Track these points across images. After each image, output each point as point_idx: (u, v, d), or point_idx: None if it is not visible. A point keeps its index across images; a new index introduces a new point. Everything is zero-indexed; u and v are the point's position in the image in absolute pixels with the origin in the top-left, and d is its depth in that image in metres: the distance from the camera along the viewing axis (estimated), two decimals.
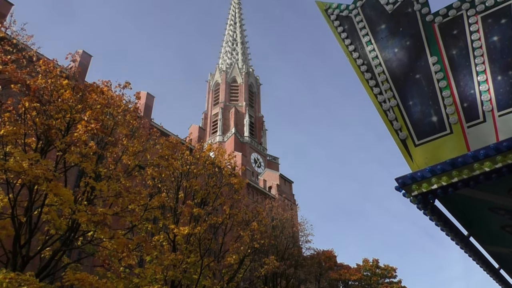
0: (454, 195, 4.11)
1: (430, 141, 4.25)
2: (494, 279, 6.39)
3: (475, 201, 4.28)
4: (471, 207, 4.51)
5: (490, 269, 5.80)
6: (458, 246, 5.17)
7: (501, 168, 3.66)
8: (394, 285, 38.31)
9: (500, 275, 6.23)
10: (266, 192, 50.87)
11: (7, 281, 11.33)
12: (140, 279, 18.31)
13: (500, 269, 6.04)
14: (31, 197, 15.18)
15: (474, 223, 4.82)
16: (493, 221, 4.69)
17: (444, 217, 4.52)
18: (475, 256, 5.42)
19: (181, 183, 23.61)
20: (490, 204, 4.34)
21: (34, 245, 16.77)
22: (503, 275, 6.28)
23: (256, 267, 26.08)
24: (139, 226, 19.51)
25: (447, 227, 4.60)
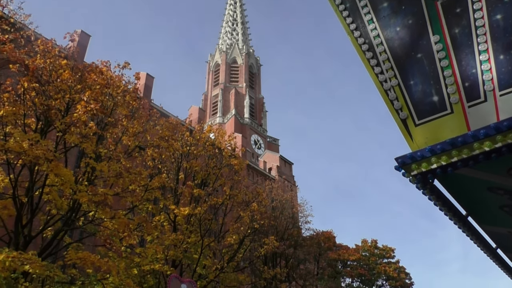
0: (453, 175, 4.12)
1: (430, 120, 4.24)
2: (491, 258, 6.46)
3: (474, 180, 4.29)
4: (470, 187, 4.52)
5: (487, 248, 5.85)
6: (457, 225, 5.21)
7: (501, 148, 3.66)
8: (392, 265, 38.77)
9: (497, 255, 6.29)
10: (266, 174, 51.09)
11: (10, 259, 11.45)
12: (141, 259, 18.53)
13: (497, 248, 6.09)
14: (32, 178, 15.26)
15: (473, 203, 4.84)
16: (491, 201, 4.72)
17: (443, 196, 4.54)
18: (473, 236, 5.46)
19: (181, 164, 23.68)
20: (489, 183, 4.36)
21: (36, 225, 16.94)
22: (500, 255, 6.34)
23: (256, 247, 26.36)
24: (140, 206, 19.66)
25: (446, 207, 4.63)
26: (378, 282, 38.73)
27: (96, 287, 16.06)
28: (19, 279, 13.08)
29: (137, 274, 18.45)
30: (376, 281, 38.29)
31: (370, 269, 37.61)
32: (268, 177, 49.68)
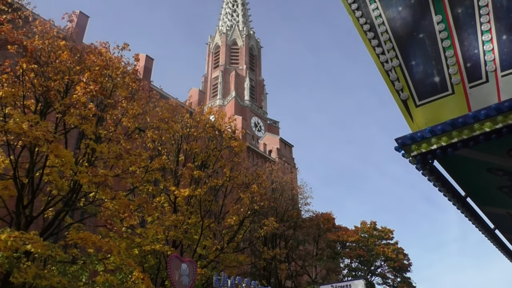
0: (453, 156, 4.12)
1: (431, 101, 4.21)
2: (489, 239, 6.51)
3: (474, 161, 4.30)
4: (470, 168, 4.53)
5: (485, 229, 5.90)
6: (455, 206, 5.23)
7: (502, 129, 3.65)
8: (390, 246, 39.09)
9: (495, 235, 6.34)
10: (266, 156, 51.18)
11: (12, 239, 11.56)
12: (142, 239, 18.72)
13: (495, 229, 6.14)
14: (32, 159, 15.29)
15: (472, 184, 4.86)
16: (490, 182, 4.73)
17: (442, 177, 4.55)
18: (472, 217, 5.49)
19: (181, 146, 23.72)
20: (489, 164, 4.36)
21: (37, 206, 17.05)
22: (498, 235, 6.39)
23: (256, 228, 26.61)
24: (140, 187, 19.75)
25: (445, 188, 4.64)
26: (376, 263, 39.15)
27: (98, 266, 16.26)
28: (21, 259, 13.23)
29: (138, 254, 18.66)
30: (374, 261, 38.69)
31: (368, 250, 37.95)
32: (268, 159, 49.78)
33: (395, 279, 39.82)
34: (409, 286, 39.34)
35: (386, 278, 39.71)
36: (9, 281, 13.21)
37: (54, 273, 14.72)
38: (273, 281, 28.24)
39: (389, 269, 39.49)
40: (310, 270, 34.65)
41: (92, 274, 17.37)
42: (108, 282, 14.97)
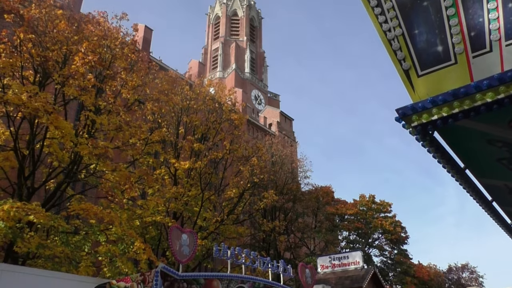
0: (454, 127, 4.09)
1: (433, 71, 4.15)
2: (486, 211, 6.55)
3: (474, 132, 4.28)
4: (470, 139, 4.51)
5: (483, 201, 5.93)
6: (454, 178, 5.24)
7: (503, 99, 3.61)
8: (388, 219, 39.58)
9: (492, 207, 6.38)
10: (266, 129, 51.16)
11: (14, 210, 11.68)
12: (143, 211, 18.90)
13: (493, 201, 6.17)
14: (32, 130, 15.29)
15: (471, 156, 4.85)
16: (490, 154, 4.72)
17: (441, 149, 4.53)
18: (470, 189, 5.51)
19: (181, 118, 23.67)
20: (489, 136, 4.34)
21: (39, 177, 17.16)
22: (495, 207, 6.44)
23: (256, 201, 26.84)
24: (141, 160, 19.83)
25: (444, 159, 4.64)
26: (374, 236, 39.76)
27: (100, 237, 16.49)
28: (24, 229, 13.41)
29: (139, 226, 18.88)
30: (372, 234, 39.27)
31: (367, 223, 38.46)
32: (268, 132, 49.78)
33: (392, 251, 40.53)
34: (405, 258, 40.07)
35: (383, 250, 40.43)
36: (13, 251, 13.43)
37: (57, 243, 14.96)
38: (272, 253, 28.68)
39: (387, 241, 40.14)
40: (308, 242, 35.19)
41: (95, 244, 17.64)
42: (110, 252, 15.21)
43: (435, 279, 46.36)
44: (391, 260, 40.29)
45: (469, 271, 51.94)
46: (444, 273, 51.81)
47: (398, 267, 39.65)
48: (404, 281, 38.48)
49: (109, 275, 14.95)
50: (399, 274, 39.49)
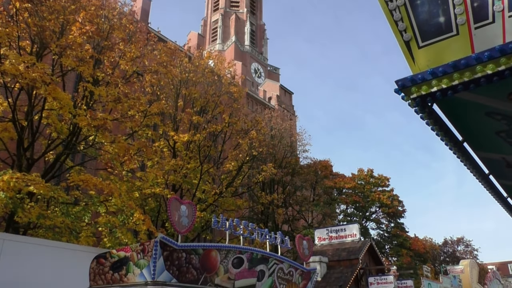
0: (453, 99, 4.07)
1: (434, 42, 4.09)
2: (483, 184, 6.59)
3: (473, 105, 4.25)
4: (468, 111, 4.49)
5: (480, 174, 5.96)
6: (452, 151, 5.25)
7: (504, 71, 3.57)
8: (386, 193, 39.96)
9: (489, 181, 6.42)
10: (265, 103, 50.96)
11: (14, 180, 11.74)
12: (142, 182, 19.03)
13: (490, 174, 6.19)
14: (30, 101, 15.22)
15: (470, 129, 4.84)
16: (488, 127, 4.71)
17: (440, 121, 4.52)
18: (467, 162, 5.52)
19: (180, 91, 23.52)
20: (488, 108, 4.32)
21: (38, 149, 17.20)
22: (492, 181, 6.47)
23: (254, 174, 27.00)
24: (139, 132, 19.83)
25: (443, 132, 4.63)
26: (371, 209, 40.23)
27: (100, 208, 16.66)
28: (25, 199, 13.53)
29: (139, 197, 19.04)
30: (369, 207, 39.73)
31: (364, 197, 38.85)
32: (267, 106, 49.61)
33: (388, 225, 41.13)
34: (402, 231, 40.68)
35: (380, 224, 41.01)
36: (14, 221, 13.59)
37: (57, 214, 15.12)
38: (270, 225, 29.06)
39: (384, 215, 40.68)
40: (306, 215, 35.60)
41: (94, 215, 17.84)
42: (110, 223, 15.40)
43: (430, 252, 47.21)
44: (388, 233, 40.92)
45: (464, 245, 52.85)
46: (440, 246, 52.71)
47: (394, 240, 40.30)
48: (400, 253, 39.18)
49: (109, 245, 15.19)
50: (395, 247, 40.17)
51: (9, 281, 10.06)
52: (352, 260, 16.41)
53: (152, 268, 7.62)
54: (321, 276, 15.81)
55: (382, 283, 15.99)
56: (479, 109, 4.35)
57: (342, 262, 16.64)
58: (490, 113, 4.36)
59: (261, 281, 9.94)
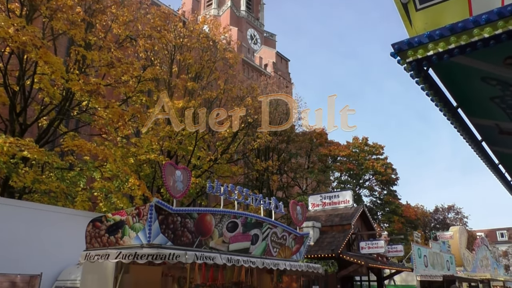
0: (448, 63, 4.03)
1: (432, 5, 4.01)
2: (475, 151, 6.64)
3: (469, 69, 4.22)
4: (464, 76, 4.46)
5: (472, 140, 5.99)
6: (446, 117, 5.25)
7: (501, 34, 3.52)
8: (380, 161, 40.29)
9: (482, 147, 6.45)
10: (261, 70, 50.45)
11: (7, 145, 11.69)
12: (137, 148, 19.03)
13: (482, 141, 6.23)
14: (22, 66, 14.96)
15: (464, 94, 4.82)
16: (483, 92, 4.69)
17: (435, 86, 4.49)
18: (461, 128, 5.53)
19: (174, 56, 23.18)
20: (483, 73, 4.29)
21: (31, 115, 17.06)
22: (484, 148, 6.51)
23: (249, 141, 27.04)
24: (134, 98, 19.65)
25: (437, 97, 4.61)
26: (365, 177, 40.66)
27: (95, 174, 16.71)
28: (19, 164, 13.52)
29: (134, 163, 19.10)
30: (363, 175, 40.14)
31: (358, 165, 39.17)
32: (263, 73, 49.14)
33: (381, 192, 41.72)
34: (394, 198, 41.33)
35: (373, 191, 41.59)
36: (9, 185, 13.64)
37: (52, 179, 15.17)
38: (265, 192, 29.36)
39: (377, 182, 41.18)
40: (301, 182, 35.95)
41: (90, 181, 17.92)
42: (105, 188, 15.49)
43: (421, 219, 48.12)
44: (380, 200, 41.57)
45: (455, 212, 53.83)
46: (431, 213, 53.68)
47: (386, 207, 40.98)
48: (392, 220, 39.93)
49: (104, 209, 15.33)
50: (387, 213, 40.89)
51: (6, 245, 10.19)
52: (345, 226, 16.71)
53: (148, 231, 7.72)
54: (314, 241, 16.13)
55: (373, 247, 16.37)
56: (474, 74, 4.32)
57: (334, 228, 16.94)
58: (485, 78, 4.34)
59: (255, 245, 10.13)
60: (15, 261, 9.86)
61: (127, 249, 7.49)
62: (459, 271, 28.35)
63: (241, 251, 9.65)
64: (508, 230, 73.08)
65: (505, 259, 60.66)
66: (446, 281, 24.87)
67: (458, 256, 29.41)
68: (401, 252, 19.02)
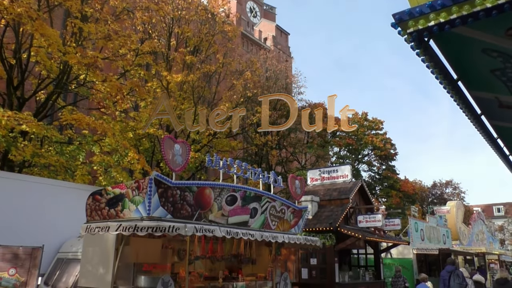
0: (449, 34, 3.97)
1: None
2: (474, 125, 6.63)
3: (470, 41, 4.16)
4: (465, 48, 4.41)
5: (472, 114, 5.97)
6: (446, 90, 5.21)
7: (503, 4, 3.46)
8: (379, 136, 40.31)
9: (481, 121, 6.44)
10: (261, 43, 49.87)
11: (6, 118, 11.65)
12: (135, 123, 18.99)
13: (482, 115, 6.21)
14: (18, 39, 14.77)
15: (465, 66, 4.77)
16: (484, 64, 4.64)
17: (436, 58, 4.44)
18: (460, 101, 5.51)
19: (172, 29, 22.86)
20: (484, 45, 4.23)
21: (29, 89, 16.94)
22: (483, 121, 6.50)
23: (249, 116, 26.97)
24: (132, 71, 19.48)
25: (438, 69, 4.56)
26: (364, 152, 40.77)
27: (94, 148, 16.73)
28: (18, 138, 13.51)
29: (133, 138, 19.11)
30: (362, 150, 40.23)
31: (358, 140, 39.18)
32: (263, 47, 48.59)
33: (380, 167, 41.89)
34: (393, 173, 41.55)
35: (371, 166, 41.77)
36: (8, 159, 13.67)
37: (51, 153, 15.19)
38: (264, 166, 29.49)
39: (376, 157, 41.30)
40: (300, 157, 36.06)
41: (89, 155, 17.95)
42: (105, 162, 15.53)
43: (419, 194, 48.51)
44: (379, 175, 41.79)
45: (453, 187, 54.25)
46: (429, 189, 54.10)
47: (385, 181, 41.23)
48: (390, 194, 40.25)
49: (104, 183, 15.41)
50: (385, 188, 41.19)
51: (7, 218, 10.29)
52: (343, 200, 16.82)
53: (148, 205, 7.77)
54: (312, 214, 16.29)
55: (371, 221, 16.55)
56: (475, 45, 4.26)
57: (333, 202, 17.07)
58: (486, 50, 4.28)
59: (253, 218, 10.23)
60: (17, 234, 9.98)
61: (127, 222, 7.57)
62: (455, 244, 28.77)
63: (240, 224, 9.75)
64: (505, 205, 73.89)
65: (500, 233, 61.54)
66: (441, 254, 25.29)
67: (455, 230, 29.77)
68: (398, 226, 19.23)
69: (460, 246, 29.16)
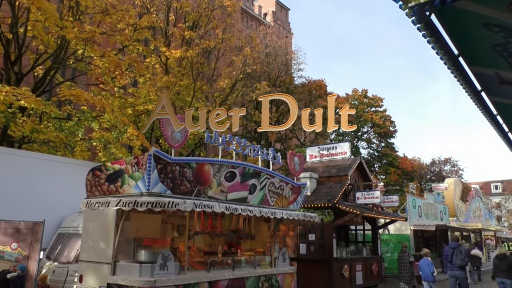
0: (451, 8, 3.91)
1: None
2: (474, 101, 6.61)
3: (472, 15, 4.10)
4: (466, 22, 4.35)
5: (472, 90, 5.95)
6: (446, 66, 5.18)
7: None
8: (379, 113, 40.25)
9: (481, 98, 6.43)
10: (260, 19, 49.22)
11: (4, 94, 11.59)
12: (134, 99, 18.91)
13: (482, 91, 6.19)
14: (14, 12, 14.55)
15: (466, 41, 4.72)
16: (485, 39, 4.59)
17: (437, 33, 4.38)
18: (461, 77, 5.48)
19: (171, 4, 22.51)
20: (486, 19, 4.17)
21: (26, 64, 16.79)
22: (483, 98, 6.48)
23: (248, 92, 26.84)
24: (130, 47, 19.28)
25: (438, 44, 4.52)
26: (363, 129, 40.79)
27: (93, 124, 16.71)
28: (16, 114, 13.47)
29: (132, 114, 19.04)
30: (362, 127, 40.24)
31: (357, 117, 39.15)
32: (262, 22, 47.95)
33: (379, 144, 41.98)
34: (392, 151, 41.67)
35: (371, 143, 41.86)
36: (7, 135, 13.66)
37: (51, 129, 15.18)
38: (263, 143, 29.51)
39: (375, 135, 41.35)
40: (299, 134, 36.05)
41: (88, 131, 17.95)
42: (104, 138, 15.54)
43: (418, 171, 48.73)
44: (378, 152, 41.93)
45: (451, 165, 54.45)
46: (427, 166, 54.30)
47: (384, 159, 41.39)
48: (388, 171, 40.45)
49: (104, 159, 15.47)
50: (384, 165, 41.38)
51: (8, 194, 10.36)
52: (341, 177, 16.90)
53: (147, 180, 7.82)
54: (311, 191, 16.40)
55: (369, 197, 16.68)
56: (477, 20, 4.20)
57: (331, 178, 17.16)
58: (488, 25, 4.23)
59: (252, 194, 10.31)
60: (18, 209, 10.06)
61: (127, 197, 7.63)
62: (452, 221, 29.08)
63: (239, 200, 9.83)
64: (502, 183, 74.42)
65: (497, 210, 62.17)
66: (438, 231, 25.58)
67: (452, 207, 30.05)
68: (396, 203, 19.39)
69: (457, 223, 29.49)
